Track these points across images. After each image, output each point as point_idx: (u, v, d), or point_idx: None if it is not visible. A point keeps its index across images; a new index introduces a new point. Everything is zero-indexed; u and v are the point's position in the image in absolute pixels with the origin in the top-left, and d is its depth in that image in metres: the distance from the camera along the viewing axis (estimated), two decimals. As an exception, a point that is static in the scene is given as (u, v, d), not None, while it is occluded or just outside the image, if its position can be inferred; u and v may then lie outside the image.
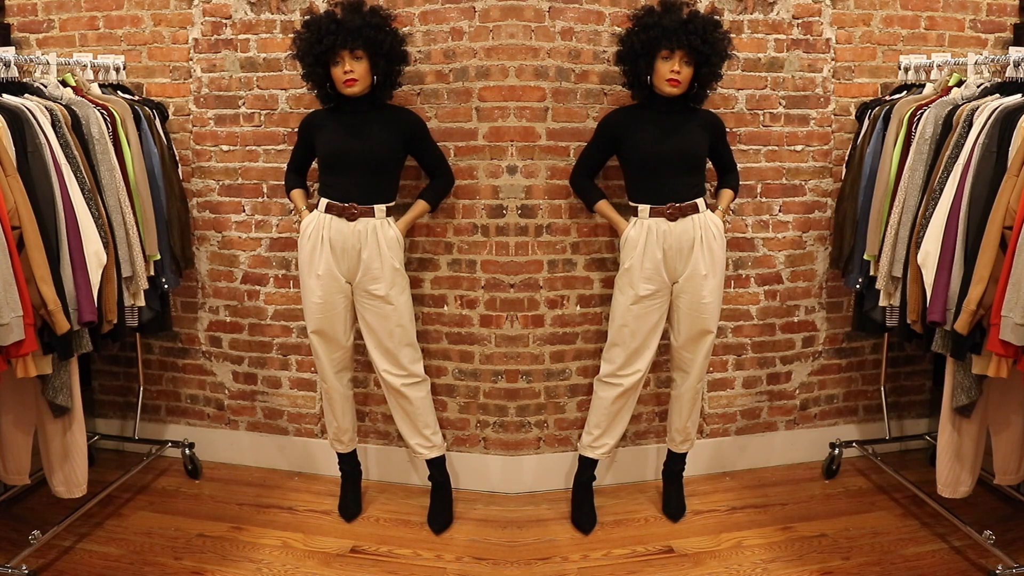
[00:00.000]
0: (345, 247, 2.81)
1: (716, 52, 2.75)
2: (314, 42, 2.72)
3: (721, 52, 2.77)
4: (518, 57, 2.99)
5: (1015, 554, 2.52)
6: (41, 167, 2.39)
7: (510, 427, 3.16)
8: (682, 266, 2.83)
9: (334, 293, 2.84)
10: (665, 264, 2.83)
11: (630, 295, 2.85)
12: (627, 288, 2.86)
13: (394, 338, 2.87)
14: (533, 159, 3.05)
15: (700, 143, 2.84)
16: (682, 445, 3.07)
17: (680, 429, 3.04)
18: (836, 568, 2.62)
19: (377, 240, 2.81)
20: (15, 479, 2.65)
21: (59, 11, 3.35)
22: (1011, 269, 2.19)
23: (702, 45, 2.71)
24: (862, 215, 3.00)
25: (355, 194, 2.80)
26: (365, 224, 2.80)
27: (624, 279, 2.87)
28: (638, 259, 2.82)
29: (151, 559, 2.67)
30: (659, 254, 2.81)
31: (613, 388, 2.93)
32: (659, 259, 2.82)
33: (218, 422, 3.50)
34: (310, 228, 2.85)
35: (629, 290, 2.85)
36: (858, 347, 3.50)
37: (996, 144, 2.36)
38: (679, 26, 2.70)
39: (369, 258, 2.81)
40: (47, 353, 2.36)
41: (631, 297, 2.85)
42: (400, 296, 2.87)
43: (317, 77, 2.79)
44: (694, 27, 2.71)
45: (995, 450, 2.59)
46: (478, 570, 2.65)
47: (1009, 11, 3.37)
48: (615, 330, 2.91)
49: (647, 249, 2.82)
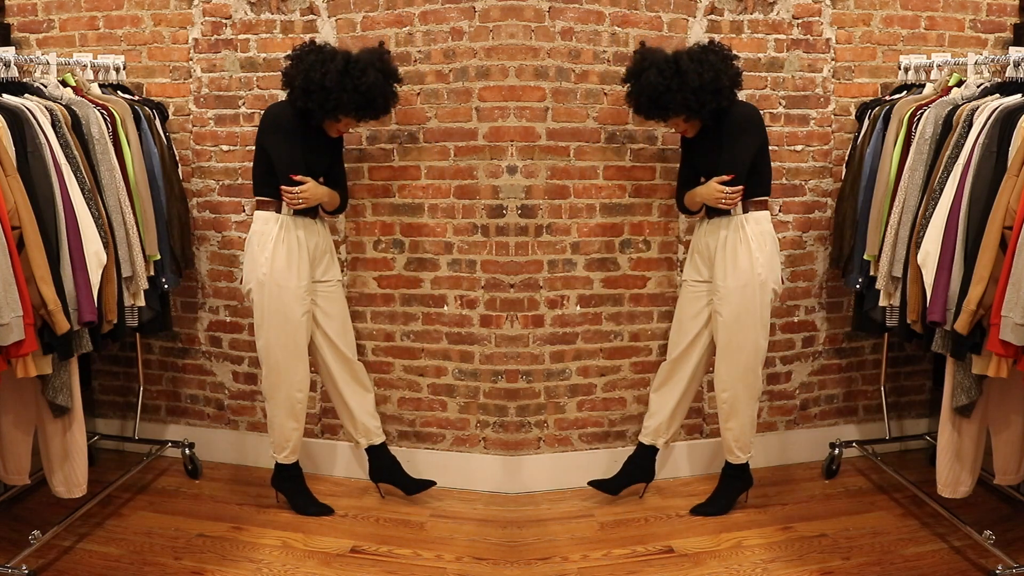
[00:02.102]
0: (314, 245, 2.93)
1: (707, 100, 2.71)
2: (326, 101, 2.73)
3: (716, 90, 2.71)
4: (518, 57, 2.99)
5: (1015, 554, 2.51)
6: (41, 167, 2.39)
7: (510, 427, 3.16)
8: (709, 269, 2.92)
9: (308, 304, 2.94)
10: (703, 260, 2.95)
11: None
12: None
13: (348, 318, 3.07)
14: (533, 159, 3.05)
15: (729, 150, 2.79)
16: (728, 455, 3.01)
17: (724, 439, 3.01)
18: (836, 568, 2.62)
19: (326, 228, 3.02)
20: (15, 479, 2.65)
21: (59, 11, 3.35)
22: (1011, 269, 2.19)
23: (694, 104, 2.71)
24: (862, 215, 3.00)
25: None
26: (318, 217, 2.97)
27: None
28: (693, 243, 3.01)
29: (151, 559, 2.67)
30: (702, 247, 2.94)
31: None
32: (702, 251, 2.94)
33: (218, 422, 3.49)
34: (275, 231, 2.86)
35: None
36: (858, 347, 3.50)
37: (996, 144, 2.36)
38: (657, 100, 2.74)
39: (326, 247, 2.99)
40: (47, 353, 2.36)
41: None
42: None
43: (310, 107, 2.77)
44: (681, 96, 2.69)
45: (995, 450, 2.59)
46: (478, 570, 2.65)
47: (1009, 11, 3.37)
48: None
49: (698, 239, 2.97)
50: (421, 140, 3.12)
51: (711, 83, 2.69)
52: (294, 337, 2.89)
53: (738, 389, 2.91)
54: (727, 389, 2.92)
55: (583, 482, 3.17)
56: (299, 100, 2.76)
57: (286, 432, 2.97)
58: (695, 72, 2.68)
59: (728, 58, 2.78)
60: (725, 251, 2.84)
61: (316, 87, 2.71)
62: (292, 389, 2.94)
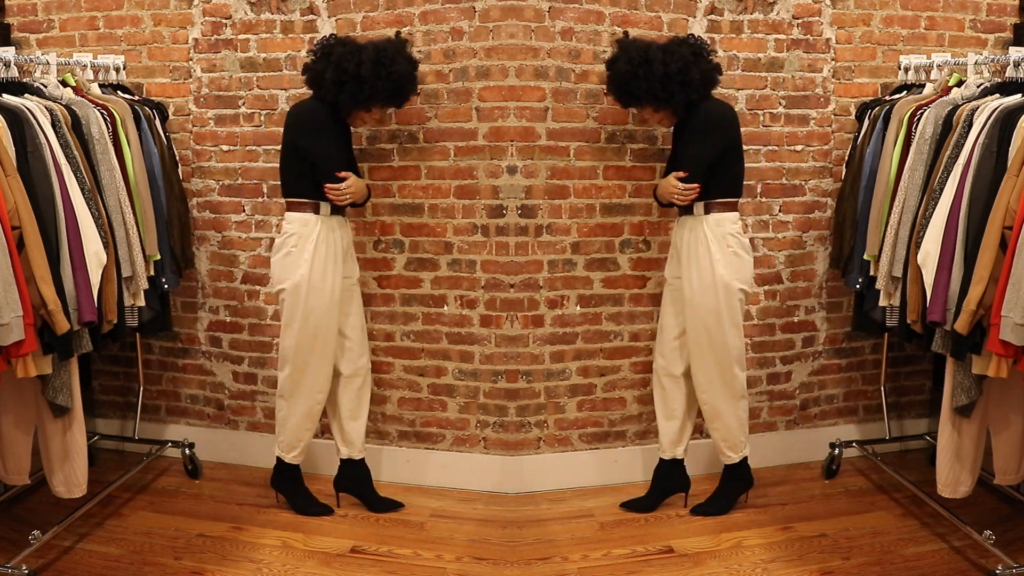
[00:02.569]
0: (346, 243, 2.93)
1: (675, 91, 2.72)
2: (359, 91, 2.72)
3: (683, 82, 2.71)
4: (518, 57, 2.99)
5: (1015, 554, 2.51)
6: (41, 167, 2.39)
7: (510, 427, 3.16)
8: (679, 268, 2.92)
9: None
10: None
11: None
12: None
13: (363, 316, 3.04)
14: (533, 159, 3.05)
15: (688, 147, 2.81)
16: (720, 456, 3.00)
17: (713, 440, 3.01)
18: (836, 568, 2.62)
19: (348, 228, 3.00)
20: (15, 479, 2.65)
21: (59, 11, 3.35)
22: (1011, 269, 2.19)
23: (660, 94, 2.74)
24: (862, 215, 3.00)
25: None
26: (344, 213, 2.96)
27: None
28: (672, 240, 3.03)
29: (151, 559, 2.67)
30: (675, 244, 2.97)
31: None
32: (673, 249, 2.98)
33: (218, 422, 3.49)
34: (316, 232, 2.82)
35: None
36: (858, 347, 3.50)
37: (996, 144, 2.36)
38: (626, 87, 2.78)
39: (350, 243, 2.99)
40: (47, 353, 2.36)
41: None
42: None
43: (343, 100, 2.77)
44: (647, 84, 2.72)
45: (995, 450, 2.59)
46: (478, 570, 2.65)
47: (1009, 11, 3.37)
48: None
49: (672, 236, 3.00)
50: (421, 140, 3.12)
51: (678, 74, 2.69)
52: (325, 338, 2.87)
53: (716, 391, 2.89)
54: (705, 391, 2.91)
55: (583, 482, 3.18)
56: (330, 94, 2.74)
57: (300, 432, 2.95)
58: (661, 62, 2.70)
59: (700, 53, 2.76)
60: (688, 252, 2.86)
61: (350, 78, 2.70)
62: (315, 391, 2.92)
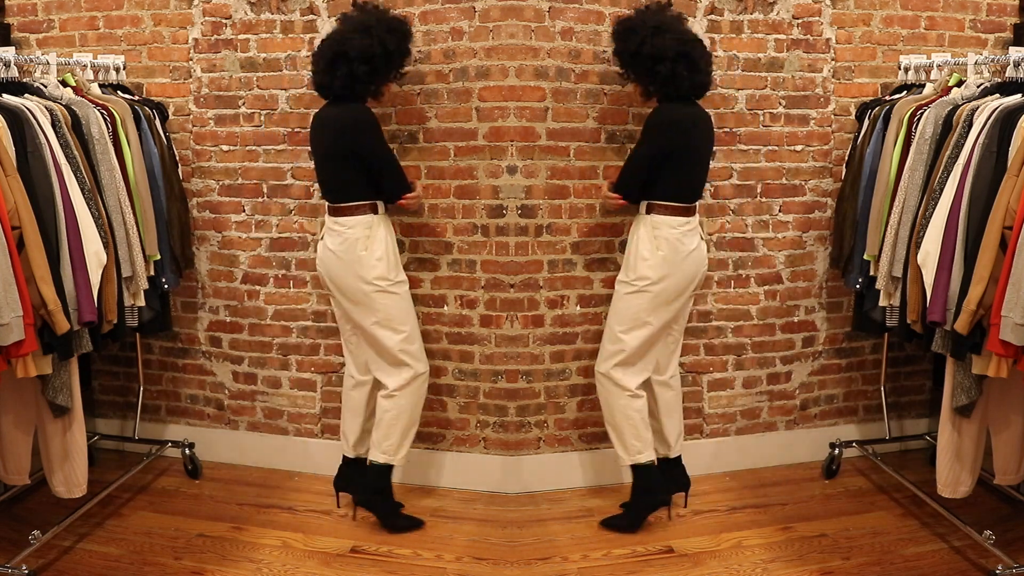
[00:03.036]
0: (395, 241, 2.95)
1: (640, 73, 2.76)
2: (388, 65, 2.78)
3: (650, 70, 2.70)
4: (518, 57, 2.99)
5: (1015, 554, 2.51)
6: (41, 167, 2.39)
7: (510, 427, 3.16)
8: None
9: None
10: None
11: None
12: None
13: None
14: (533, 159, 3.05)
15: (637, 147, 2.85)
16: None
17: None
18: (836, 568, 2.62)
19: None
20: (15, 479, 2.65)
21: (59, 11, 3.35)
22: (1011, 269, 2.20)
23: (628, 64, 2.78)
24: (862, 215, 3.00)
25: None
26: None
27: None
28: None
29: (151, 559, 2.67)
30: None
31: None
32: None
33: (218, 422, 3.50)
34: (381, 232, 2.82)
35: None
36: (858, 347, 3.50)
37: (996, 144, 2.36)
38: (617, 52, 2.82)
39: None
40: (47, 353, 2.36)
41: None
42: None
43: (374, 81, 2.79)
44: (627, 56, 2.77)
45: (995, 450, 2.59)
46: (478, 570, 2.65)
47: (1009, 11, 3.37)
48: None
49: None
50: (421, 140, 3.12)
51: (648, 58, 2.68)
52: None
53: (602, 382, 2.91)
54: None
55: (583, 482, 3.18)
56: (369, 80, 2.76)
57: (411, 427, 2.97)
58: (635, 40, 2.71)
59: (681, 50, 2.67)
60: (627, 248, 2.89)
61: (379, 56, 2.72)
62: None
